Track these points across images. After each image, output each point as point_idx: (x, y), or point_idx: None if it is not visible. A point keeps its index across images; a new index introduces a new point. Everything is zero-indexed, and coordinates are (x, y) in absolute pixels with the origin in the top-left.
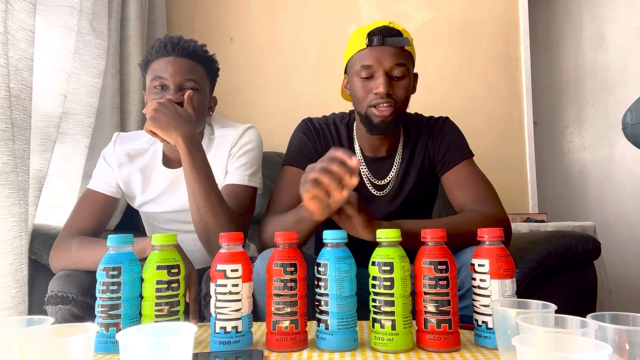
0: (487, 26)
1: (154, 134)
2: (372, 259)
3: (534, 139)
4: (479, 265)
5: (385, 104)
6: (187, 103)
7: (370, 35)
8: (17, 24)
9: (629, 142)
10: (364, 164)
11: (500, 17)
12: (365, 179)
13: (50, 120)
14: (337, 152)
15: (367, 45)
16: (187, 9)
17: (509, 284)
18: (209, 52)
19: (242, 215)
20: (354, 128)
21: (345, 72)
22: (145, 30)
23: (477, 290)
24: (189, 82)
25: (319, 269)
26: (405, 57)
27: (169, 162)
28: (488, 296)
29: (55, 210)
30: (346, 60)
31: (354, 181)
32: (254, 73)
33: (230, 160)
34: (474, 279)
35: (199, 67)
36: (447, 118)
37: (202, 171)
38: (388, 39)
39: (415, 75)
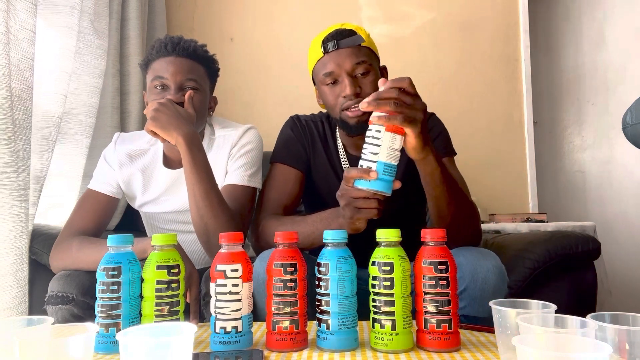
0: (487, 26)
1: (155, 134)
2: (372, 259)
3: (534, 139)
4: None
5: (356, 105)
6: (187, 103)
7: (324, 42)
8: (19, 24)
9: (629, 142)
10: (347, 162)
11: (500, 17)
12: None
13: (51, 120)
14: None
15: (324, 53)
16: (187, 9)
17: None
18: (209, 52)
19: (241, 215)
20: (337, 128)
21: (315, 84)
22: (145, 31)
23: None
24: (189, 82)
25: (320, 269)
26: (364, 53)
27: (170, 162)
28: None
29: (55, 210)
30: (311, 72)
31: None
32: (254, 73)
33: (231, 160)
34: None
35: (200, 67)
36: (433, 113)
37: (203, 171)
38: (342, 42)
39: (384, 68)
